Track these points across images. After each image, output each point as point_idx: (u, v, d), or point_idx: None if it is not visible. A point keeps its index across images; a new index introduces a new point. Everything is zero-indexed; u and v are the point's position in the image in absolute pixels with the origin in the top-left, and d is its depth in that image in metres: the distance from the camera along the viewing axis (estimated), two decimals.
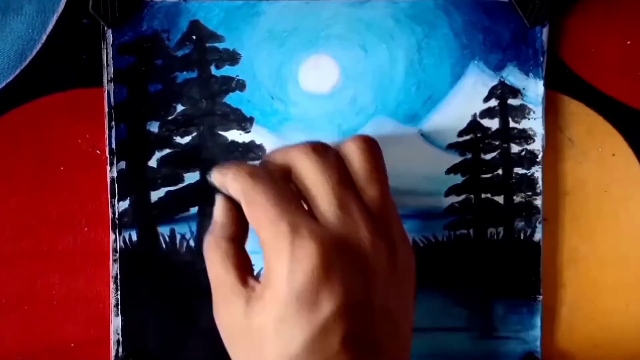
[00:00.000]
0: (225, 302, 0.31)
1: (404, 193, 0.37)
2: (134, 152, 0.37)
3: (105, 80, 0.36)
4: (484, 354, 0.38)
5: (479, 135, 0.38)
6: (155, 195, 0.37)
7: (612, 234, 0.39)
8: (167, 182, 0.37)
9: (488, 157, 0.38)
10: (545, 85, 0.38)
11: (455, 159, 0.38)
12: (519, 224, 0.38)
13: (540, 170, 0.38)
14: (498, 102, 0.38)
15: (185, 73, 0.37)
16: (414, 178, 0.38)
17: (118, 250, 0.36)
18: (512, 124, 0.38)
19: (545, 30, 0.37)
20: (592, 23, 0.38)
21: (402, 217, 0.32)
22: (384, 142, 0.37)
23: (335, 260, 0.29)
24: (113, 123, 0.36)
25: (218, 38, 0.37)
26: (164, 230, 0.37)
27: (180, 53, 0.37)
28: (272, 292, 0.29)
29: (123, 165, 0.36)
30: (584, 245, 0.39)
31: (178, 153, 0.37)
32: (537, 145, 0.38)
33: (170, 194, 0.37)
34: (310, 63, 0.37)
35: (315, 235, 0.29)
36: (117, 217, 0.36)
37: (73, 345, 0.37)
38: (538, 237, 0.38)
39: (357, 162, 0.31)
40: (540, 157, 0.38)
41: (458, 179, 0.38)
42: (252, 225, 0.31)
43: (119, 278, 0.36)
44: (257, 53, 0.37)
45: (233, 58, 0.37)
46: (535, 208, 0.38)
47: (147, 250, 0.37)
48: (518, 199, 0.38)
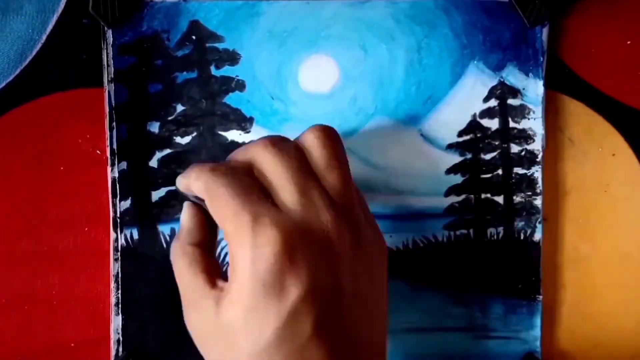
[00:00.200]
0: (195, 306, 0.31)
1: (404, 193, 0.38)
2: (135, 152, 0.37)
3: (106, 81, 0.36)
4: (484, 354, 0.38)
5: (479, 135, 0.38)
6: (156, 195, 0.37)
7: (612, 234, 0.39)
8: (167, 182, 0.37)
9: (488, 157, 0.38)
10: (545, 85, 0.38)
11: (455, 159, 0.38)
12: (519, 224, 0.38)
13: (540, 170, 0.38)
14: (498, 102, 0.38)
15: (185, 73, 0.37)
16: (414, 178, 0.38)
17: (119, 249, 0.37)
18: (512, 124, 0.38)
19: (545, 30, 0.37)
20: (592, 23, 0.38)
21: (402, 217, 0.32)
22: (384, 142, 0.37)
23: (298, 245, 0.28)
24: (114, 124, 0.36)
25: (218, 38, 0.37)
26: (165, 230, 0.37)
27: (180, 53, 0.37)
28: (237, 283, 0.29)
29: (124, 166, 0.36)
30: (584, 245, 0.39)
31: (178, 153, 0.37)
32: (537, 145, 0.38)
33: (171, 194, 0.37)
34: (310, 63, 0.37)
35: (277, 222, 0.29)
36: (118, 216, 0.36)
37: (73, 345, 0.37)
38: (538, 237, 0.38)
39: (315, 151, 0.31)
40: (540, 157, 0.38)
41: (458, 179, 0.38)
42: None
43: (120, 277, 0.37)
44: (257, 53, 0.37)
45: (233, 58, 0.37)
46: (535, 208, 0.38)
47: (147, 249, 0.37)
48: (518, 199, 0.38)
